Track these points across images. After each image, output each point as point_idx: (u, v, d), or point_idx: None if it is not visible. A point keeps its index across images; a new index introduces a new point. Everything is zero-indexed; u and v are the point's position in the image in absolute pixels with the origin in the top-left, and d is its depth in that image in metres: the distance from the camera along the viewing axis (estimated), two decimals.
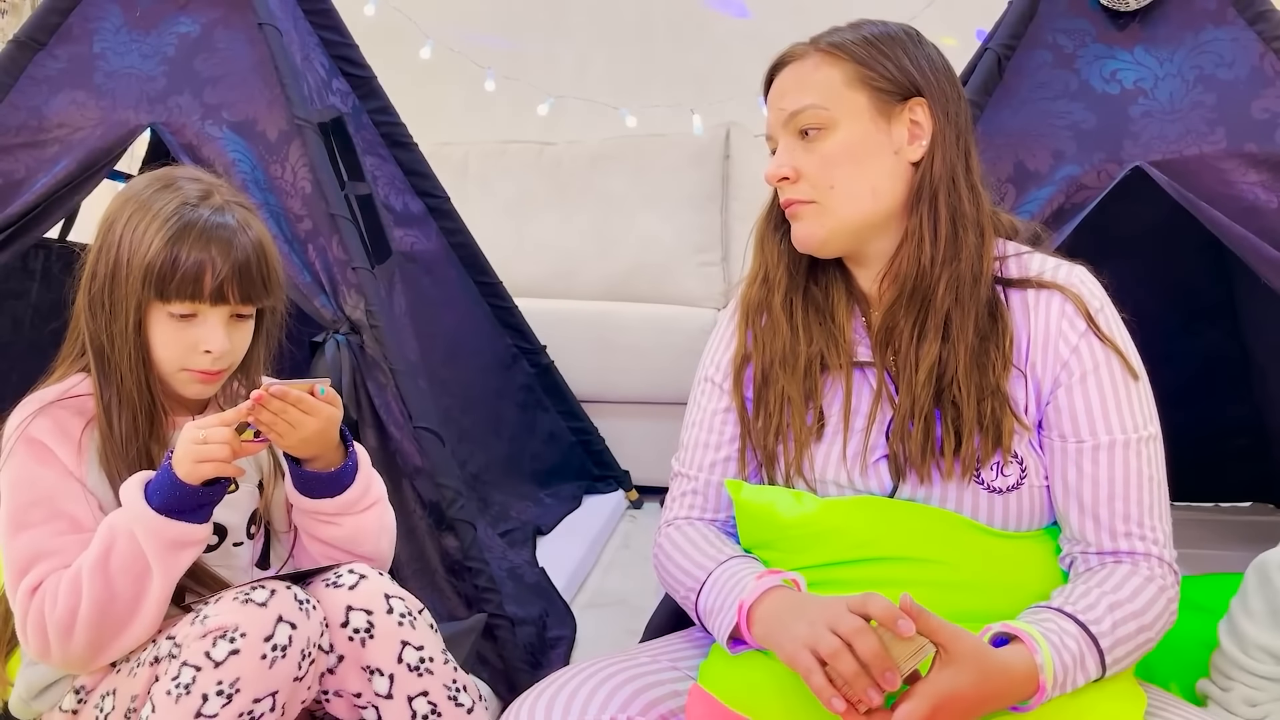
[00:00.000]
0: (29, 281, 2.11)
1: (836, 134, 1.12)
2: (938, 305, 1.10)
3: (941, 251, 1.10)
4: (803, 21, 1.41)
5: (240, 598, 1.06)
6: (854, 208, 1.12)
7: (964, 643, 0.92)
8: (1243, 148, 1.45)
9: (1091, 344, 1.09)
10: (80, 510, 1.15)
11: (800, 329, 1.17)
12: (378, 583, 1.17)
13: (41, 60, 1.75)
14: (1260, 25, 1.47)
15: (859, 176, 1.12)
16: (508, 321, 2.49)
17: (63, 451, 1.16)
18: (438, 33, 3.25)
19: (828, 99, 1.12)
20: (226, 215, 1.18)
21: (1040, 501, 1.11)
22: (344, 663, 1.14)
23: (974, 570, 1.07)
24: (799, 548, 1.11)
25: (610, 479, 2.73)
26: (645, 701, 1.05)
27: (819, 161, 1.13)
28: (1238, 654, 1.21)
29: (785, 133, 1.16)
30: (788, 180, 1.14)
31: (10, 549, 1.13)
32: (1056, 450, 1.10)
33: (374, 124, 2.04)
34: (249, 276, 1.17)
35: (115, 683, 1.14)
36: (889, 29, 1.16)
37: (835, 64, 1.14)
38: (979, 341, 1.09)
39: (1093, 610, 1.01)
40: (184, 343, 1.17)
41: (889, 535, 1.08)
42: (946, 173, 1.11)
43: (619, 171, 3.24)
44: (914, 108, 1.12)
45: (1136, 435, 1.08)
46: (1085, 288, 1.12)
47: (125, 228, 1.17)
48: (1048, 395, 1.10)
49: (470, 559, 1.65)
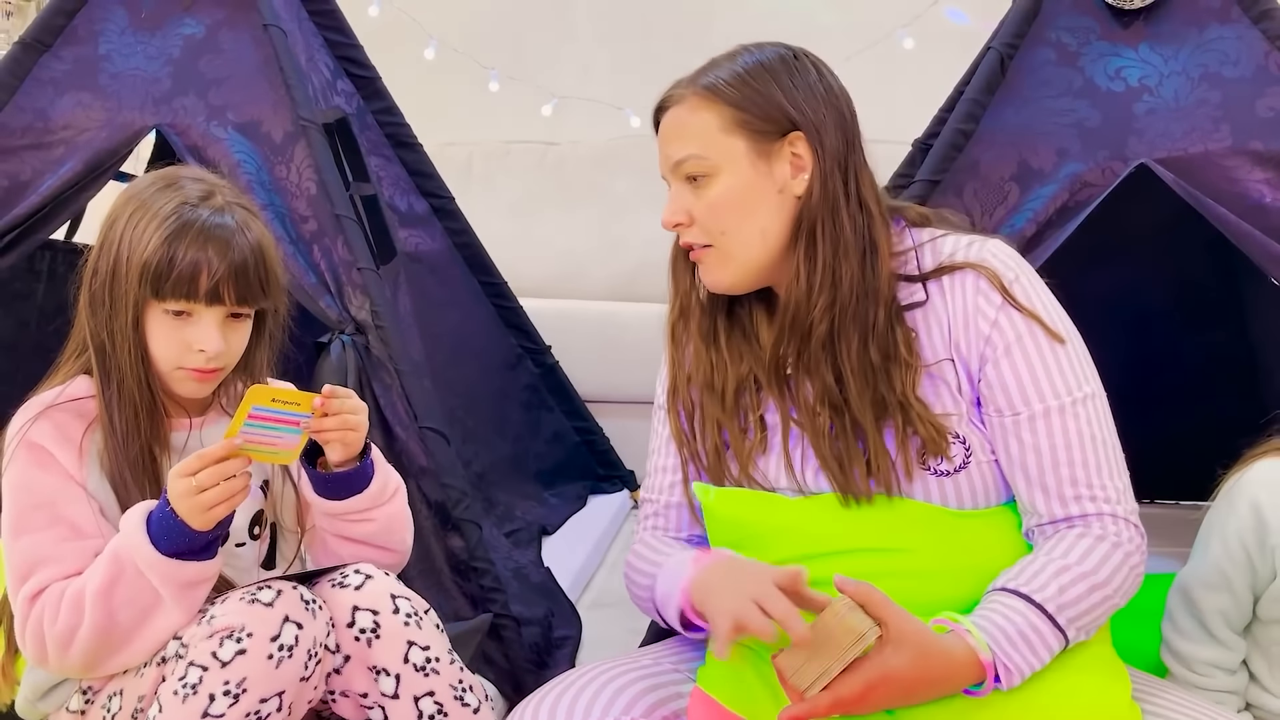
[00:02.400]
0: (35, 283, 2.12)
1: (719, 181, 1.12)
2: (817, 335, 1.10)
3: (819, 280, 1.10)
4: (804, 23, 1.41)
5: (247, 598, 1.06)
6: (748, 252, 1.13)
7: (906, 624, 0.94)
8: (1248, 145, 1.45)
9: (1011, 316, 1.09)
10: (81, 515, 1.15)
11: (726, 351, 1.19)
12: (384, 583, 1.17)
13: (47, 62, 1.75)
14: (1265, 23, 1.47)
15: (747, 221, 1.12)
16: (512, 322, 2.50)
17: (63, 455, 1.16)
18: (442, 33, 3.25)
19: (706, 147, 1.12)
20: (226, 216, 1.18)
21: (993, 477, 1.11)
22: (350, 663, 1.14)
23: (939, 556, 1.07)
24: (767, 545, 1.11)
25: (615, 479, 2.73)
26: (650, 703, 1.06)
27: (706, 209, 1.13)
28: (1188, 675, 1.22)
29: (674, 177, 1.16)
30: (682, 225, 1.15)
31: (12, 553, 1.13)
32: (995, 425, 1.10)
33: (378, 124, 2.05)
34: (245, 278, 1.17)
35: (122, 683, 1.14)
36: (764, 58, 1.14)
37: (710, 108, 1.13)
38: (880, 359, 1.09)
39: (1036, 579, 1.01)
40: (179, 341, 1.17)
41: (854, 528, 1.09)
42: (827, 203, 1.11)
43: (623, 171, 3.24)
44: (794, 141, 1.11)
45: (1070, 398, 1.07)
46: (997, 260, 1.12)
47: (126, 226, 1.17)
48: (977, 373, 1.10)
49: (476, 559, 1.65)
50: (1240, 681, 1.23)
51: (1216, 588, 1.20)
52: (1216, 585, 1.20)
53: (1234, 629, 1.22)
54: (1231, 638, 1.22)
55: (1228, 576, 1.20)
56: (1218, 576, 1.20)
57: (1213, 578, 1.21)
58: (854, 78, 1.20)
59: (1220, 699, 1.21)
